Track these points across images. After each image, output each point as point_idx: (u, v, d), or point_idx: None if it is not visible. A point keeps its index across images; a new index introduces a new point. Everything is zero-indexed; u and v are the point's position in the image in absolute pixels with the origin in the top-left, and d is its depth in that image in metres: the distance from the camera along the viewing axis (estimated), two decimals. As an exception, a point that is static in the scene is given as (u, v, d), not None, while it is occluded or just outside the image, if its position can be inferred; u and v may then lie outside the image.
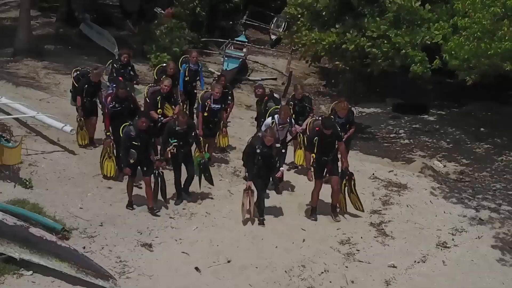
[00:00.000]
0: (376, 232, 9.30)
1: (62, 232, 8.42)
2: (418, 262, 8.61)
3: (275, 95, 11.67)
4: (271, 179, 9.81)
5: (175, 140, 9.56)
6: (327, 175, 9.51)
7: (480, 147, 13.69)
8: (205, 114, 10.65)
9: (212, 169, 10.50)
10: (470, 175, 11.96)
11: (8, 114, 11.79)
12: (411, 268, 8.47)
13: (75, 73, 11.57)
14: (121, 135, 9.44)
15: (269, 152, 9.15)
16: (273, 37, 22.55)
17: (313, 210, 9.64)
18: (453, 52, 9.93)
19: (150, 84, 12.24)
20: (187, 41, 18.30)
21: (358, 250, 8.79)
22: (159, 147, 9.95)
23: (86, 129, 11.40)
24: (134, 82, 12.56)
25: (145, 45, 17.94)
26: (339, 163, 9.54)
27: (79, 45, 18.18)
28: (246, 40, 20.67)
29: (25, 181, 9.80)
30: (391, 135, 14.54)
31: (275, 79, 19.02)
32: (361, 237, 9.10)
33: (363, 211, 9.65)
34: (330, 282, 8.06)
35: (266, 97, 11.27)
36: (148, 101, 11.24)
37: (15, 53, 16.05)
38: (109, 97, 10.63)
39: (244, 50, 19.50)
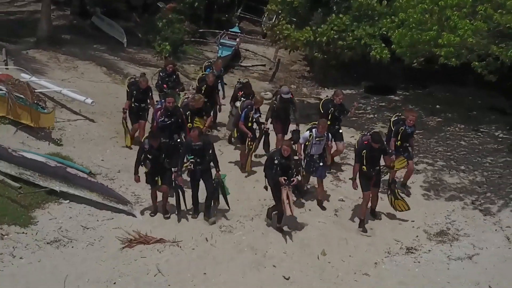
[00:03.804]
0: (332, 177, 11.91)
1: (89, 175, 10.98)
2: (360, 198, 10.89)
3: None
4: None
5: (192, 157, 9.86)
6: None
7: (433, 120, 15.89)
8: (249, 124, 11.41)
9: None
10: (418, 141, 14.28)
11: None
12: (356, 202, 11.03)
13: (130, 81, 12.59)
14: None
15: (287, 163, 9.44)
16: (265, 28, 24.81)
17: (362, 222, 10.27)
18: (397, 41, 12.36)
19: (186, 95, 12.92)
20: (186, 32, 20.72)
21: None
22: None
23: (130, 132, 12.40)
24: (177, 89, 13.33)
25: (149, 35, 20.25)
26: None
27: (92, 35, 20.45)
28: (239, 31, 22.97)
29: (56, 140, 12.22)
30: (359, 112, 16.92)
31: (264, 65, 21.50)
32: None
33: (409, 209, 10.53)
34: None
35: (292, 96, 12.14)
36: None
37: (38, 41, 18.09)
38: (159, 112, 11.27)
39: (237, 39, 21.82)
